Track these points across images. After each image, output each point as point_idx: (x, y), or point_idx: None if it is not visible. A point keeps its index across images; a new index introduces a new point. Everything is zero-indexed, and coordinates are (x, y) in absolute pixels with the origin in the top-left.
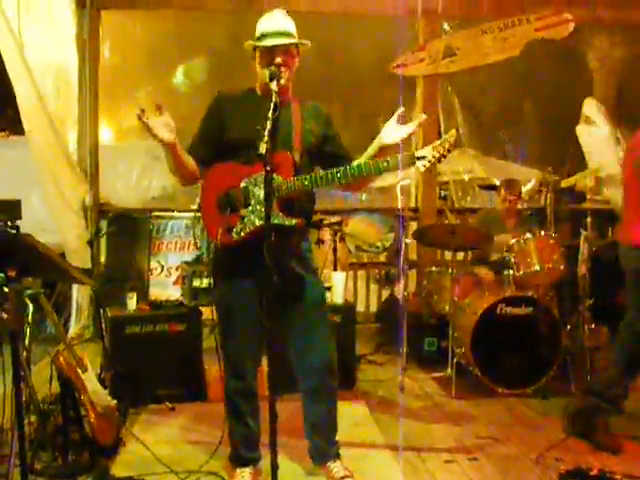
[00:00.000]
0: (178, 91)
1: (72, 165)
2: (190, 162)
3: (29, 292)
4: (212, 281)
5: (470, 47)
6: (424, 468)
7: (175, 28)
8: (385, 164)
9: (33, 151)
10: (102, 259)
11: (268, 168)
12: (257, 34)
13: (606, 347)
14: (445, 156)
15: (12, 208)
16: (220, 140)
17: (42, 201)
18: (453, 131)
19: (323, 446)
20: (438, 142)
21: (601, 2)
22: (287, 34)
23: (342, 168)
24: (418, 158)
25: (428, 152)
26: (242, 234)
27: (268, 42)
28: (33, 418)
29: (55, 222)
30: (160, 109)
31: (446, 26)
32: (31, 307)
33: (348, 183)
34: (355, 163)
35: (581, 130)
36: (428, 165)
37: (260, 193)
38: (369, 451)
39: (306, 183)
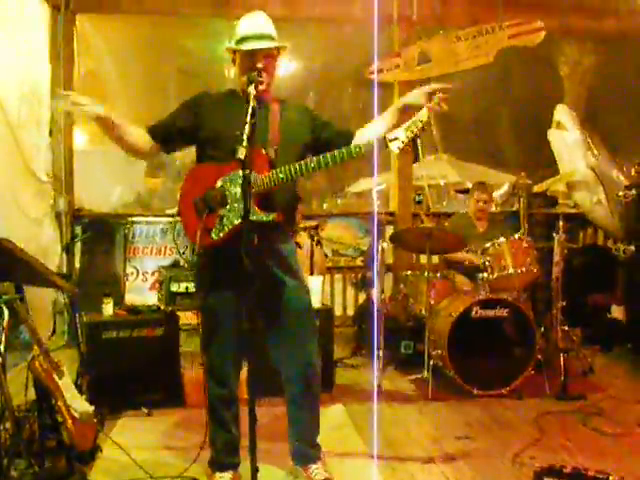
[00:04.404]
0: (151, 95)
1: (32, 172)
2: (133, 133)
3: (5, 298)
4: (195, 285)
5: (444, 54)
6: (402, 469)
7: (150, 33)
8: (358, 149)
9: None
10: (77, 264)
11: (247, 171)
12: (237, 37)
13: (579, 348)
14: (419, 136)
15: None
16: (185, 134)
17: None
18: (424, 110)
19: (306, 449)
20: (410, 122)
21: (572, 11)
22: (268, 37)
23: (315, 158)
24: (390, 140)
25: (401, 133)
26: (221, 234)
27: (249, 46)
28: (8, 425)
29: (9, 233)
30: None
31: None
32: (7, 313)
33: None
34: (328, 153)
35: (552, 135)
36: (402, 146)
37: (237, 191)
38: (347, 453)
39: (281, 176)
